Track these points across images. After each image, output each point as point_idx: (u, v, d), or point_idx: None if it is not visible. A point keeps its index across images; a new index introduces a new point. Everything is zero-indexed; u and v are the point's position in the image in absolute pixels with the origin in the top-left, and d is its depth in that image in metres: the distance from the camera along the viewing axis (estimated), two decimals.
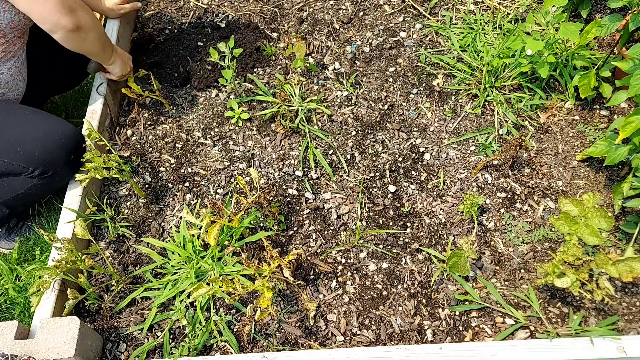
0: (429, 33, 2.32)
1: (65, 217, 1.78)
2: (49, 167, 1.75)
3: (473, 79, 2.12)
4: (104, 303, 1.67)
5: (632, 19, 1.73)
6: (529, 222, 1.81)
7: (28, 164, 1.73)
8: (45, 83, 2.09)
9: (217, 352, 1.60)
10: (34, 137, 1.74)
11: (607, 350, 1.45)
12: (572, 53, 2.05)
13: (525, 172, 1.92)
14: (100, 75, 2.08)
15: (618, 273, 1.44)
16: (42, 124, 1.78)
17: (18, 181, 1.79)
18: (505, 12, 2.33)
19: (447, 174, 1.93)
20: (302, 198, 1.90)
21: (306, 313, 1.64)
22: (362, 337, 1.61)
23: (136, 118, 2.12)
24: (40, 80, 2.01)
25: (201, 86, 2.20)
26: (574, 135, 2.00)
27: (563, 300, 1.65)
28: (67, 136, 1.78)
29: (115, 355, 1.61)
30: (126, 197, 1.92)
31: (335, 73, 2.22)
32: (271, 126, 2.08)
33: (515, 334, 1.59)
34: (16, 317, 1.88)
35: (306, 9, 2.46)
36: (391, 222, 1.83)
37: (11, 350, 1.43)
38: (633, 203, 1.66)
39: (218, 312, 1.66)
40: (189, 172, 1.98)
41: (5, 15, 1.65)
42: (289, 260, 1.57)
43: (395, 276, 1.72)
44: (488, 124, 2.04)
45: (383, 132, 2.04)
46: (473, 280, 1.70)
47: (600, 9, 2.37)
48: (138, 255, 1.80)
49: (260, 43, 2.32)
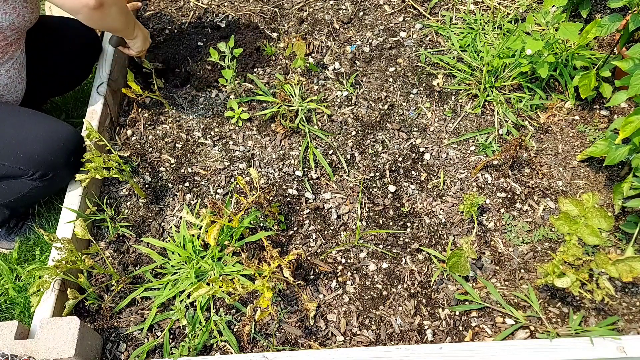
0: (429, 33, 2.32)
1: (65, 217, 1.78)
2: (49, 170, 1.75)
3: (473, 79, 2.13)
4: (104, 303, 1.67)
5: (632, 19, 1.73)
6: (529, 222, 1.81)
7: (28, 166, 1.73)
8: (44, 84, 2.08)
9: (217, 352, 1.60)
10: (34, 139, 1.73)
11: (607, 350, 1.45)
12: (572, 53, 2.05)
13: (525, 172, 1.92)
14: (100, 75, 2.08)
15: (618, 273, 1.44)
16: (41, 126, 1.77)
17: (18, 184, 1.79)
18: (505, 12, 2.33)
19: (447, 174, 1.93)
20: (302, 198, 1.90)
21: (306, 313, 1.64)
22: (362, 337, 1.61)
23: (136, 118, 2.12)
24: (39, 81, 2.00)
25: (201, 86, 2.20)
26: (574, 135, 2.00)
27: (563, 300, 1.65)
28: (66, 138, 1.78)
29: (115, 355, 1.61)
30: (126, 197, 1.92)
31: (335, 73, 2.22)
32: (271, 126, 2.08)
33: (515, 334, 1.59)
34: (16, 317, 1.88)
35: (306, 9, 2.46)
36: (391, 222, 1.83)
37: (11, 350, 1.43)
38: (633, 203, 1.66)
39: (218, 312, 1.66)
40: (189, 172, 1.98)
41: (6, 17, 1.65)
42: (289, 260, 1.57)
43: (395, 276, 1.72)
44: (488, 124, 2.04)
45: (383, 132, 2.05)
46: (473, 280, 1.70)
47: (600, 9, 2.37)
48: (138, 255, 1.80)
49: (260, 43, 2.32)
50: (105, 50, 2.17)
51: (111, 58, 2.14)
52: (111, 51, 2.16)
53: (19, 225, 2.08)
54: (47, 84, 2.11)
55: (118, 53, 2.18)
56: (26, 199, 1.86)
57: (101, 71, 2.11)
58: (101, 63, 2.13)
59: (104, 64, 2.13)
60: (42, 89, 2.09)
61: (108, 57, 2.15)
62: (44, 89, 2.13)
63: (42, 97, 2.25)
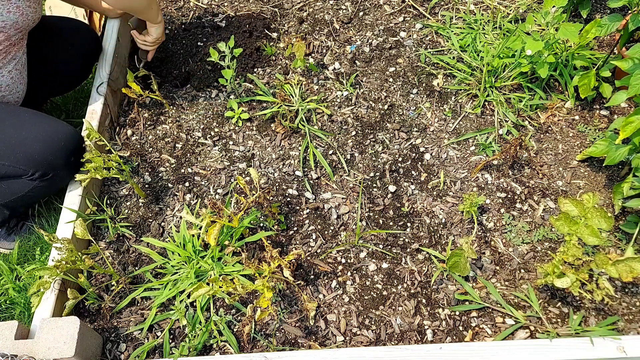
0: (429, 33, 2.32)
1: (65, 217, 1.78)
2: (49, 170, 1.75)
3: (473, 79, 2.13)
4: (104, 303, 1.67)
5: (632, 19, 1.73)
6: (529, 222, 1.81)
7: (28, 167, 1.73)
8: (45, 84, 2.08)
9: (217, 352, 1.60)
10: (34, 139, 1.73)
11: (607, 350, 1.45)
12: (572, 53, 2.05)
13: (525, 172, 1.92)
14: (100, 75, 2.08)
15: (618, 273, 1.44)
16: (41, 126, 1.77)
17: (18, 184, 1.79)
18: (505, 12, 2.33)
19: (447, 174, 1.93)
20: (302, 198, 1.90)
21: (306, 313, 1.64)
22: (362, 337, 1.61)
23: (136, 118, 2.12)
24: (40, 81, 2.00)
25: (201, 86, 2.20)
26: (574, 135, 2.00)
27: (563, 300, 1.65)
28: (66, 138, 1.78)
29: (115, 355, 1.61)
30: (126, 197, 1.92)
31: (335, 73, 2.22)
32: (271, 126, 2.08)
33: (515, 334, 1.59)
34: (16, 317, 1.88)
35: (306, 9, 2.46)
36: (391, 222, 1.83)
37: (11, 350, 1.43)
38: (633, 203, 1.66)
39: (218, 312, 1.66)
40: (189, 172, 1.98)
41: (10, 16, 1.65)
42: (289, 260, 1.57)
43: (395, 276, 1.72)
44: (488, 124, 2.04)
45: (383, 132, 2.05)
46: (473, 280, 1.70)
47: (600, 9, 2.37)
48: (138, 255, 1.80)
49: (260, 43, 2.32)
50: (106, 50, 2.17)
51: (111, 58, 2.14)
52: (111, 51, 2.16)
53: (19, 225, 2.08)
54: (47, 84, 2.11)
55: (118, 53, 2.18)
56: (26, 199, 1.85)
57: (101, 71, 2.10)
58: (101, 63, 2.13)
59: (104, 64, 2.13)
60: (42, 89, 2.10)
61: (108, 57, 2.15)
62: (44, 89, 2.14)
63: (42, 97, 2.25)
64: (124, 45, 2.27)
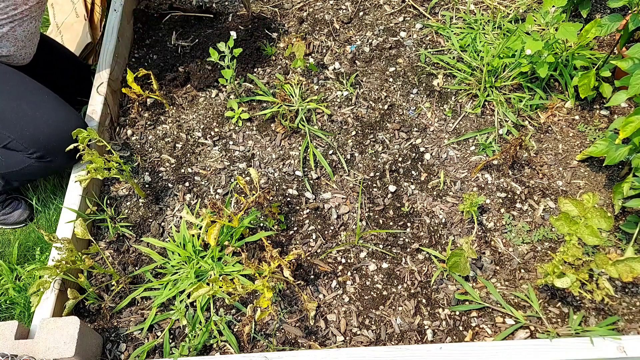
0: (429, 33, 2.32)
1: (66, 217, 1.78)
2: (49, 154, 1.82)
3: (473, 79, 2.12)
4: (104, 303, 1.67)
5: (632, 19, 1.74)
6: (529, 222, 1.81)
7: (30, 145, 1.80)
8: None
9: (217, 352, 1.60)
10: (44, 122, 1.80)
11: (607, 350, 1.45)
12: (572, 53, 2.05)
13: (525, 172, 1.92)
14: (100, 75, 2.08)
15: (618, 273, 1.44)
16: (55, 112, 1.83)
17: (16, 157, 1.86)
18: (505, 12, 2.33)
19: (447, 174, 1.93)
20: (302, 198, 1.90)
21: (306, 313, 1.64)
22: (362, 337, 1.61)
23: (136, 118, 2.12)
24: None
25: (201, 86, 2.20)
26: (574, 135, 2.00)
27: (563, 300, 1.65)
28: (74, 129, 1.80)
29: (115, 355, 1.61)
30: (126, 197, 1.92)
31: (335, 73, 2.22)
32: (271, 126, 2.08)
33: (515, 334, 1.59)
34: (16, 317, 1.88)
35: (306, 9, 2.46)
36: (391, 222, 1.83)
37: (11, 350, 1.43)
38: (633, 203, 1.66)
39: (218, 312, 1.66)
40: (189, 172, 1.98)
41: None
42: (289, 260, 1.57)
43: (395, 276, 1.72)
44: (488, 124, 2.04)
45: (383, 132, 2.04)
46: (473, 280, 1.70)
47: (600, 9, 2.37)
48: (138, 255, 1.80)
49: (260, 43, 2.32)
50: (106, 50, 2.17)
51: (111, 58, 2.14)
52: (111, 51, 2.16)
53: (7, 202, 2.12)
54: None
55: (118, 53, 2.18)
56: (20, 174, 1.93)
57: (101, 71, 2.10)
58: (101, 63, 2.13)
59: (104, 64, 2.13)
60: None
61: (108, 57, 2.15)
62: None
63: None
64: (124, 45, 2.28)
